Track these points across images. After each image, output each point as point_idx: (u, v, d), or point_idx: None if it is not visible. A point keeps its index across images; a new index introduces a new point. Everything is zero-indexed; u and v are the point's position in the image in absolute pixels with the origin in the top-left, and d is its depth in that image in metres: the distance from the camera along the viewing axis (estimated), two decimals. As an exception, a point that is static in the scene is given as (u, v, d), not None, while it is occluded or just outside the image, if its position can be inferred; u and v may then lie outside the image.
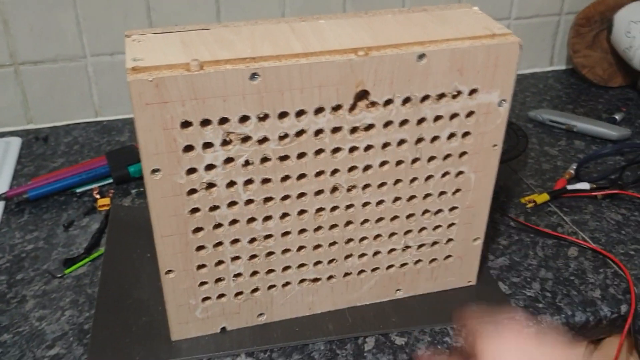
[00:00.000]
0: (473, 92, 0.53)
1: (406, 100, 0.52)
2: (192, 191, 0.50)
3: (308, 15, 0.81)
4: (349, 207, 0.56)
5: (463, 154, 0.56)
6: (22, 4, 0.86)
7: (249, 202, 0.52)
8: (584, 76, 1.07)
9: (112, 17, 0.90)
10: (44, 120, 0.95)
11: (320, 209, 0.55)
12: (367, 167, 0.54)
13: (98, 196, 0.78)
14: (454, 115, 0.54)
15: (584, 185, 0.78)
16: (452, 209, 0.59)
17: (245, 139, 0.49)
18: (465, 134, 0.55)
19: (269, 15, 0.95)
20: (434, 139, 0.54)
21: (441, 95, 0.52)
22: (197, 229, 0.52)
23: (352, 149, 0.53)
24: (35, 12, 0.87)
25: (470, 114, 0.54)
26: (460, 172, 0.57)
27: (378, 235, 0.59)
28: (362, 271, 0.60)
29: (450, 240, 0.61)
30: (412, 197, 0.57)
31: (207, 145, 0.48)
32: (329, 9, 0.97)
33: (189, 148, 0.48)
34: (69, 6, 0.87)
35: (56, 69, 0.92)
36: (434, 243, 0.61)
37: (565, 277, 0.66)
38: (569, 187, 0.78)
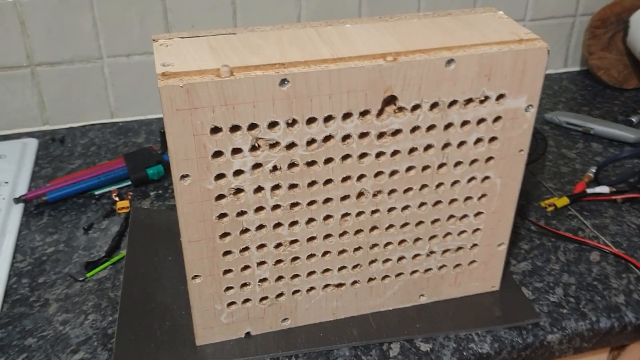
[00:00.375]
0: (500, 97, 0.52)
1: (434, 106, 0.51)
2: (220, 196, 0.50)
3: (323, 17, 0.80)
4: (374, 212, 0.56)
5: (489, 159, 0.56)
6: (40, 5, 0.86)
7: (276, 207, 0.52)
8: (599, 78, 1.06)
9: (129, 19, 0.90)
10: (60, 121, 0.95)
11: (345, 214, 0.55)
12: (393, 173, 0.54)
13: (117, 198, 0.78)
14: (481, 121, 0.53)
15: (604, 189, 0.78)
16: (478, 214, 0.59)
17: (274, 144, 0.49)
18: (492, 139, 0.55)
19: (285, 17, 0.95)
20: (461, 144, 0.54)
21: (469, 101, 0.52)
22: (225, 234, 0.52)
23: (379, 154, 0.53)
24: (53, 13, 0.87)
25: (497, 119, 0.54)
26: (486, 178, 0.57)
27: (403, 241, 0.58)
28: (386, 276, 0.60)
29: (474, 245, 0.61)
30: (437, 203, 0.57)
31: (236, 151, 0.48)
32: (344, 11, 0.97)
33: (218, 154, 0.48)
34: (86, 7, 0.87)
35: (73, 70, 0.92)
36: (459, 248, 0.61)
37: (588, 282, 0.66)
38: (589, 190, 0.78)
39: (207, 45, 0.50)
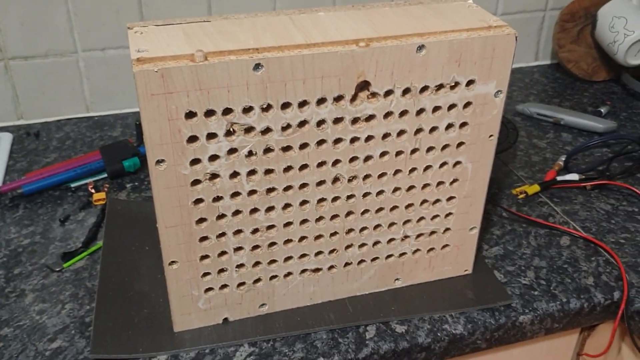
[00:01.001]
0: (470, 83, 0.54)
1: (406, 91, 0.52)
2: (196, 182, 0.51)
3: (299, 7, 0.81)
4: (349, 197, 0.57)
5: (460, 144, 0.57)
6: (13, -2, 0.86)
7: (252, 192, 0.53)
8: (569, 70, 1.09)
9: (104, 12, 0.90)
10: (34, 115, 0.94)
11: (321, 200, 0.56)
12: (367, 158, 0.55)
13: (93, 191, 0.78)
14: (452, 106, 0.55)
15: (574, 176, 0.80)
16: (450, 198, 0.60)
17: (249, 129, 0.49)
18: (463, 124, 0.56)
19: (260, 9, 0.96)
20: (433, 129, 0.55)
21: (440, 86, 0.53)
22: (201, 220, 0.53)
23: (353, 140, 0.54)
24: (26, 6, 0.86)
25: (467, 104, 0.55)
26: (458, 163, 0.58)
27: (378, 225, 0.59)
28: (362, 261, 0.61)
29: (447, 229, 0.62)
30: (411, 187, 0.58)
31: (211, 135, 0.49)
32: (319, 2, 0.98)
33: (193, 139, 0.49)
34: (60, 1, 0.87)
35: (47, 64, 0.91)
36: (432, 232, 0.62)
37: (558, 266, 0.67)
38: (559, 178, 0.80)
39: (182, 32, 0.50)
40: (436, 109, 0.54)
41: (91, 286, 0.64)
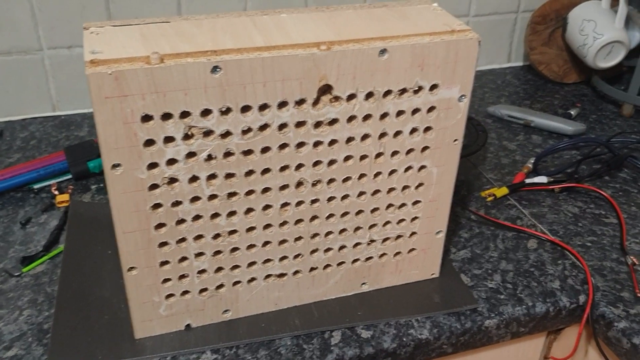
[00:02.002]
0: (434, 87, 0.53)
1: (369, 95, 0.52)
2: (154, 186, 0.49)
3: (270, 8, 0.80)
4: (314, 201, 0.56)
5: (425, 148, 0.57)
6: (-26, -5, 0.83)
7: (213, 197, 0.52)
8: (541, 73, 1.09)
9: (69, 9, 0.88)
10: (-2, 115, 0.92)
11: (285, 204, 0.55)
12: (331, 162, 0.54)
13: (56, 192, 0.77)
14: (415, 110, 0.54)
15: (542, 179, 0.80)
16: (416, 202, 0.60)
17: (208, 133, 0.48)
18: (427, 128, 0.56)
19: (231, 9, 0.95)
20: (397, 133, 0.55)
21: (403, 91, 0.53)
22: (160, 225, 0.52)
23: (317, 144, 0.53)
24: (-12, 4, 0.84)
25: (431, 109, 0.54)
26: (423, 167, 0.58)
27: (343, 230, 0.59)
28: (327, 265, 0.61)
29: (413, 233, 0.62)
30: (376, 192, 0.58)
31: (169, 139, 0.48)
32: (291, 3, 0.97)
33: (150, 142, 0.47)
34: (24, -2, 0.85)
35: (10, 61, 0.89)
36: (398, 237, 0.62)
37: (525, 269, 0.67)
38: (528, 180, 0.80)
39: (139, 34, 0.49)
40: (400, 113, 0.54)
41: (51, 291, 0.63)
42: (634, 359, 0.59)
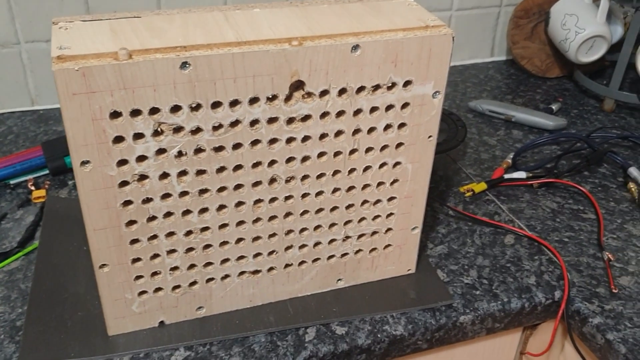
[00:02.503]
0: (408, 83, 0.53)
1: (342, 92, 0.52)
2: (124, 183, 0.49)
3: (249, 1, 0.79)
4: (288, 198, 0.56)
5: (399, 145, 0.56)
6: (-51, -13, 0.82)
7: (184, 194, 0.51)
8: (523, 67, 1.09)
9: (47, 2, 0.87)
10: (-25, 109, 0.91)
11: (258, 201, 0.55)
12: (305, 158, 0.54)
13: (33, 188, 0.76)
14: (389, 107, 0.54)
15: (521, 174, 0.80)
16: (391, 199, 0.60)
17: (178, 129, 0.48)
18: (401, 125, 0.55)
19: (210, 3, 0.94)
20: (371, 130, 0.55)
21: (376, 87, 0.52)
22: (131, 222, 0.51)
23: (290, 140, 0.52)
24: (-36, -4, 0.83)
25: (405, 105, 0.54)
26: (398, 163, 0.58)
27: (318, 226, 0.59)
28: (303, 262, 0.60)
29: (389, 229, 0.62)
30: (351, 188, 0.58)
31: (138, 136, 0.47)
32: (272, -2, 0.96)
33: (119, 139, 0.47)
34: (0, -9, 0.84)
35: (-13, 56, 0.88)
36: (374, 233, 0.62)
37: (501, 265, 0.68)
38: (506, 176, 0.80)
39: (109, 29, 0.48)
40: (374, 109, 0.54)
41: (25, 288, 0.62)
42: (608, 355, 0.60)
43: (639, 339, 0.59)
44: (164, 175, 0.50)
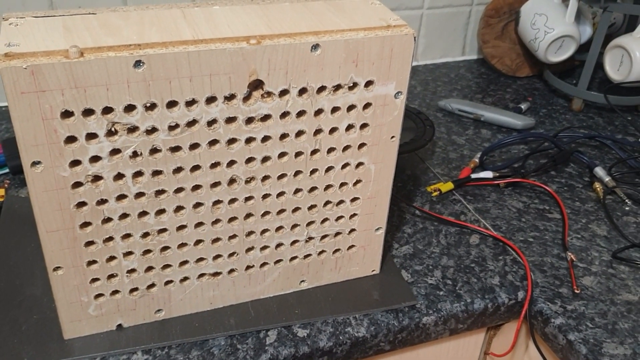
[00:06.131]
0: (369, 83, 0.52)
1: (302, 91, 0.51)
2: (77, 184, 0.48)
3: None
4: (248, 199, 0.55)
5: (362, 145, 0.56)
6: None
7: (140, 195, 0.50)
8: (494, 66, 1.09)
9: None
10: None
11: (217, 202, 0.54)
12: (265, 159, 0.53)
13: (-9, 187, 0.74)
14: (351, 107, 0.53)
15: (487, 174, 0.80)
16: (354, 199, 0.59)
17: (132, 129, 0.47)
18: (364, 125, 0.55)
19: (173, 0, 0.93)
20: (333, 130, 0.54)
21: (337, 87, 0.52)
22: (85, 224, 0.50)
23: (249, 140, 0.52)
24: None
25: (367, 105, 0.54)
26: (360, 164, 0.57)
27: (280, 227, 0.58)
28: (264, 264, 0.60)
29: (352, 230, 0.61)
30: (313, 189, 0.57)
31: (91, 136, 0.46)
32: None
33: (71, 139, 0.46)
34: (-42, -16, 0.82)
35: (-54, 51, 0.85)
36: (337, 234, 0.61)
37: (466, 265, 0.67)
38: (473, 175, 0.80)
39: (61, 25, 0.47)
40: (335, 109, 0.53)
41: (-21, 291, 0.60)
42: (570, 355, 0.60)
43: (600, 340, 0.59)
44: (119, 176, 0.49)
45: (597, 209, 0.77)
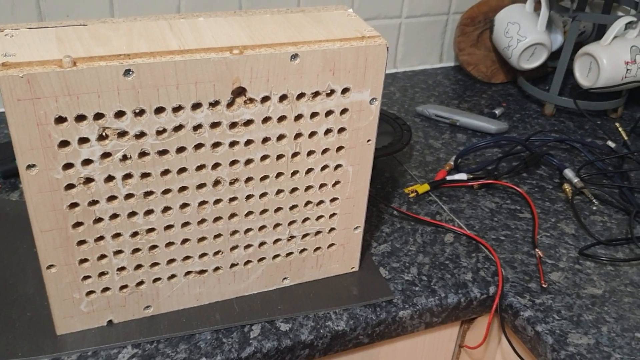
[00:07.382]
0: (345, 90, 0.56)
1: (283, 98, 0.54)
2: (70, 186, 0.51)
3: (203, 9, 0.81)
4: (232, 200, 0.58)
5: (340, 148, 0.59)
6: None
7: (129, 196, 0.53)
8: (469, 73, 1.13)
9: (-2, 7, 0.87)
10: None
11: (203, 202, 0.57)
12: (248, 161, 0.56)
13: (-18, 192, 0.76)
14: (329, 112, 0.57)
15: (462, 176, 0.84)
16: (333, 200, 0.63)
17: (122, 133, 0.50)
18: (341, 129, 0.58)
19: (164, 8, 0.95)
20: (312, 134, 0.57)
21: (316, 94, 0.55)
22: (77, 224, 0.53)
23: (233, 144, 0.55)
24: None
25: (344, 111, 0.57)
26: (339, 166, 0.60)
27: (263, 227, 0.61)
28: (248, 262, 0.63)
29: (332, 229, 0.65)
30: (294, 190, 0.60)
31: (83, 140, 0.49)
32: (224, 4, 0.98)
33: (64, 143, 0.49)
34: (-51, -6, 0.84)
35: (-63, 59, 0.88)
36: (318, 232, 0.64)
37: (440, 262, 0.71)
38: (449, 177, 0.84)
39: (54, 36, 0.50)
40: (314, 114, 0.56)
41: (-27, 290, 0.63)
42: (537, 346, 0.63)
43: (565, 331, 0.63)
44: (110, 178, 0.52)
45: (566, 208, 0.81)
